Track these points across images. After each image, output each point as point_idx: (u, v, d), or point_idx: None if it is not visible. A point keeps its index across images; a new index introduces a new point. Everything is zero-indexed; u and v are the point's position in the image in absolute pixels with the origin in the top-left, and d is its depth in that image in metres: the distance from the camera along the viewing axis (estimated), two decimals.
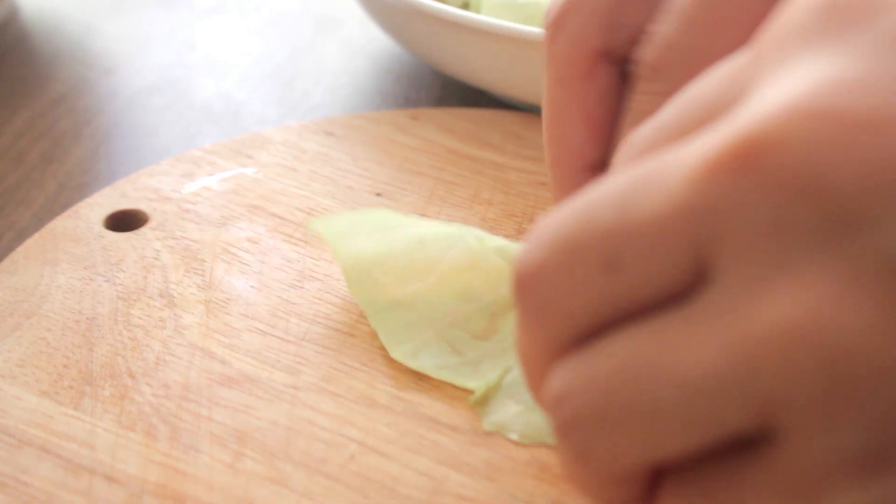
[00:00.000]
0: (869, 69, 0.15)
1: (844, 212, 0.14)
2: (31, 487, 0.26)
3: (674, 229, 0.16)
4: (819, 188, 0.14)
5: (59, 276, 0.33)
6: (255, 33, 0.54)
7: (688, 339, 0.16)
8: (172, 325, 0.31)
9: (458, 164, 0.39)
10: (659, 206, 0.16)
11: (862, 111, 0.15)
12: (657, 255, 0.16)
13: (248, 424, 0.28)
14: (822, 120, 0.15)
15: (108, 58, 0.51)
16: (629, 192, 0.17)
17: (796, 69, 0.16)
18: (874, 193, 0.14)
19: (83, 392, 0.29)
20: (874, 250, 0.14)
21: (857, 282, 0.14)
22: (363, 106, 0.47)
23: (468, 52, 0.42)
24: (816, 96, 0.15)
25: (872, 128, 0.14)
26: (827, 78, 0.15)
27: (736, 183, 0.15)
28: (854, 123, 0.15)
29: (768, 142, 0.15)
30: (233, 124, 0.45)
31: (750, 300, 0.15)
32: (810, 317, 0.14)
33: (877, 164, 0.14)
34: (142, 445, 0.27)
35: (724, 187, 0.15)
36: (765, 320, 0.15)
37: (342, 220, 0.32)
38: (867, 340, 0.14)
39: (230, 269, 0.34)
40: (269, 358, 0.30)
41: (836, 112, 0.15)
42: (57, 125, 0.45)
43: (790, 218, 0.15)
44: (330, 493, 0.26)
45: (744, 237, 0.15)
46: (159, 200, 0.37)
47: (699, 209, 0.15)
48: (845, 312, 0.14)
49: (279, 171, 0.38)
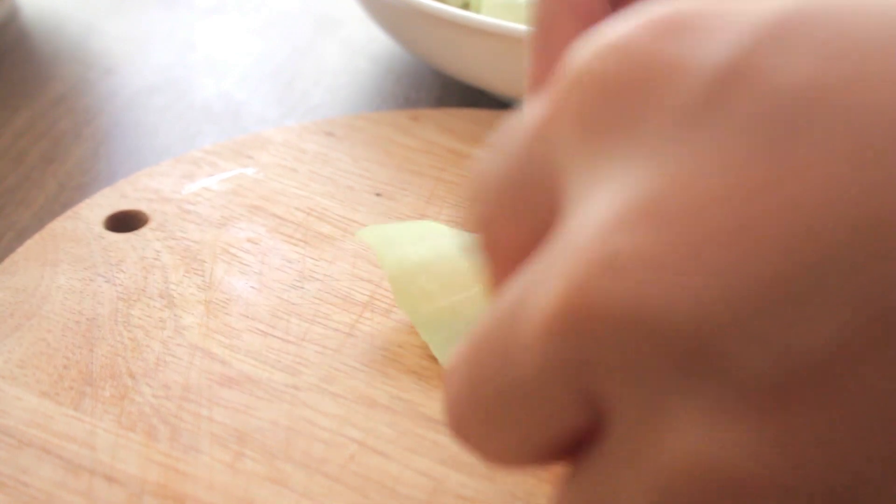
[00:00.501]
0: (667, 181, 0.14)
1: (688, 349, 0.14)
2: (32, 488, 0.26)
3: (550, 386, 0.16)
4: (654, 332, 0.14)
5: (60, 276, 0.33)
6: (255, 33, 0.54)
7: (615, 482, 0.16)
8: (172, 326, 0.31)
9: (458, 165, 0.39)
10: (527, 367, 0.16)
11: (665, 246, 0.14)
12: (550, 407, 0.16)
13: (248, 425, 0.28)
14: (635, 263, 0.14)
15: (108, 58, 0.51)
16: (502, 348, 0.16)
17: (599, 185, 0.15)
18: (710, 326, 0.14)
19: (83, 392, 0.29)
20: (733, 378, 0.14)
21: (729, 412, 0.14)
22: (363, 106, 0.47)
23: (468, 52, 0.42)
24: (622, 236, 0.14)
25: (685, 261, 0.14)
26: (630, 206, 0.14)
27: (581, 338, 0.15)
28: (666, 260, 0.14)
29: (591, 296, 0.14)
30: (233, 124, 0.45)
31: (646, 444, 0.15)
32: (698, 456, 0.14)
33: (702, 298, 0.14)
34: (142, 446, 0.27)
35: (571, 343, 0.15)
36: (661, 466, 0.15)
37: (388, 228, 0.33)
38: (757, 466, 0.14)
39: (230, 269, 0.34)
40: (270, 358, 0.30)
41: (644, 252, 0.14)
42: (57, 125, 0.45)
43: (642, 363, 0.14)
44: (330, 493, 0.26)
45: (615, 384, 0.15)
46: (159, 201, 0.37)
47: (561, 364, 0.15)
48: (728, 445, 0.14)
49: (279, 172, 0.38)
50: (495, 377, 0.17)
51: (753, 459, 0.14)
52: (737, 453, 0.14)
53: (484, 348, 0.17)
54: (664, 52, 0.15)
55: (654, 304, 0.14)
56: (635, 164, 0.15)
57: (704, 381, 0.14)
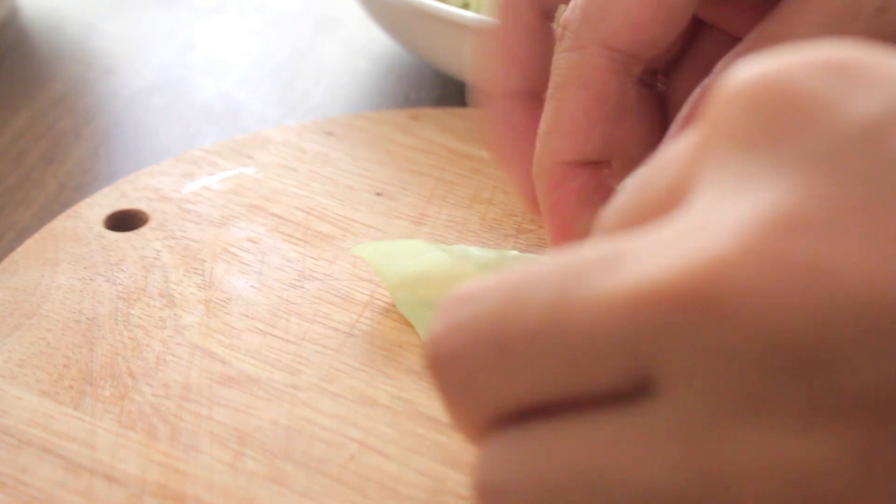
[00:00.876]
0: (813, 197, 0.15)
1: (800, 358, 0.15)
2: (32, 487, 0.26)
3: (608, 345, 0.16)
4: (774, 334, 0.15)
5: (60, 276, 0.33)
6: (255, 33, 0.54)
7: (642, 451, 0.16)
8: (172, 325, 0.31)
9: (458, 164, 0.39)
10: (596, 320, 0.16)
11: (810, 254, 0.15)
12: (591, 363, 0.16)
13: (248, 424, 0.28)
14: (773, 264, 0.15)
15: (108, 58, 0.51)
16: (568, 292, 0.16)
17: (740, 190, 0.16)
18: (827, 339, 0.14)
19: (83, 392, 0.29)
20: (833, 392, 0.15)
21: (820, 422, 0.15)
22: (363, 106, 0.47)
23: (468, 52, 0.42)
24: (766, 236, 0.15)
25: (821, 273, 0.15)
26: (773, 212, 0.15)
27: (684, 318, 0.15)
28: (805, 268, 0.15)
29: (718, 284, 0.15)
30: (233, 124, 0.45)
31: (711, 429, 0.15)
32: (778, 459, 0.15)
33: (829, 310, 0.14)
34: (142, 445, 0.27)
35: (670, 319, 0.15)
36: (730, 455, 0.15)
37: (383, 245, 0.33)
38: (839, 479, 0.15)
39: (230, 268, 0.34)
40: (270, 358, 0.30)
41: (787, 256, 0.15)
42: (57, 125, 0.45)
43: (743, 360, 0.15)
44: (330, 493, 0.26)
45: (693, 369, 0.15)
46: (159, 200, 0.37)
47: (640, 332, 0.15)
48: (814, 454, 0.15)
49: (279, 171, 0.38)
50: (534, 316, 0.16)
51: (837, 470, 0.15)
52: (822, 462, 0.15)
53: (540, 284, 0.17)
54: (827, 90, 0.16)
55: (782, 308, 0.15)
56: (778, 177, 0.16)
57: (804, 390, 0.15)
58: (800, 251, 0.15)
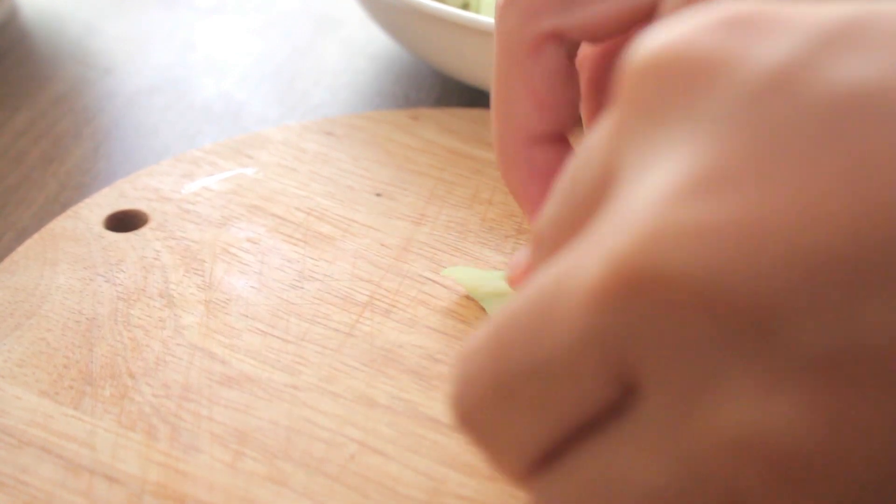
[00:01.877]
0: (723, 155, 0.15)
1: (746, 321, 0.14)
2: (32, 487, 0.26)
3: (585, 360, 0.16)
4: (713, 303, 0.14)
5: (59, 276, 0.33)
6: (255, 33, 0.54)
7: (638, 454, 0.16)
8: (172, 326, 0.31)
9: (458, 164, 0.39)
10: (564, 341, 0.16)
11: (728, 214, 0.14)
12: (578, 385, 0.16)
13: (248, 424, 0.28)
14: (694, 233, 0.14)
15: (108, 58, 0.51)
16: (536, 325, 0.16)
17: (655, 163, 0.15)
18: (766, 298, 0.14)
19: (83, 392, 0.29)
20: (788, 352, 0.14)
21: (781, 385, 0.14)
22: (363, 106, 0.47)
23: (468, 52, 0.42)
24: (681, 204, 0.14)
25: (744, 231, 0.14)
26: (685, 177, 0.15)
27: (629, 309, 0.15)
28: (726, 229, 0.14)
29: (647, 266, 0.14)
30: (233, 124, 0.45)
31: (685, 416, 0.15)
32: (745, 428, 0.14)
33: (760, 268, 0.14)
34: (142, 445, 0.27)
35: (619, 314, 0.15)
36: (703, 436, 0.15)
37: (472, 271, 0.34)
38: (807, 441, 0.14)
39: (230, 269, 0.34)
40: (269, 358, 0.30)
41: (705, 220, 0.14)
42: (57, 125, 0.45)
43: (694, 335, 0.14)
44: (330, 493, 0.26)
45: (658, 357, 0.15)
46: (159, 201, 0.37)
47: (602, 338, 0.15)
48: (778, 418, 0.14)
49: (279, 172, 0.38)
50: (524, 355, 0.16)
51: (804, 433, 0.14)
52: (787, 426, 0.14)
53: (515, 327, 0.17)
54: (725, 46, 0.16)
55: (713, 276, 0.14)
56: (689, 143, 0.15)
57: (760, 354, 0.14)
58: (717, 212, 0.14)
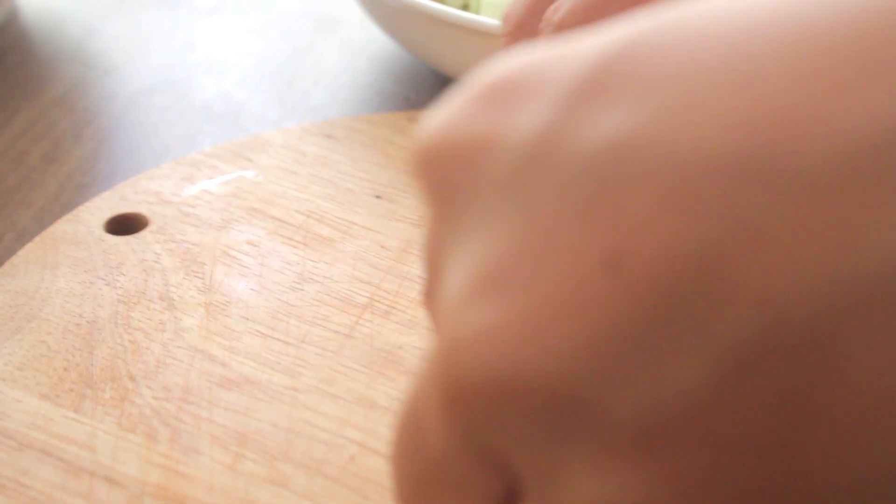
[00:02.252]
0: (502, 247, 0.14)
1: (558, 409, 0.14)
2: (32, 490, 0.26)
3: (466, 461, 0.16)
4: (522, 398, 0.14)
5: (60, 279, 0.33)
6: (255, 33, 0.54)
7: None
8: (173, 328, 0.31)
9: None
10: (442, 449, 0.16)
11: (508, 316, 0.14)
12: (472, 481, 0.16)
13: (248, 426, 0.28)
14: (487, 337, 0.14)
15: (108, 58, 0.51)
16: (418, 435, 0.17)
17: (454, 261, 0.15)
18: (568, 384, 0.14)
19: (84, 395, 0.29)
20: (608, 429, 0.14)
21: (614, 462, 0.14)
22: (363, 106, 0.47)
23: (468, 53, 0.42)
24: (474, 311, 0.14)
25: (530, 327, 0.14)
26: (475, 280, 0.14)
27: (468, 416, 0.15)
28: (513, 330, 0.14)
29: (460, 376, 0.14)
30: (233, 124, 0.46)
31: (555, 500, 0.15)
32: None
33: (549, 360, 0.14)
34: (142, 448, 0.28)
35: (466, 423, 0.15)
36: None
37: None
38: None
39: (230, 271, 0.34)
40: (269, 360, 0.30)
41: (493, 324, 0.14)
42: (57, 126, 0.45)
43: (528, 429, 0.14)
44: (330, 495, 0.26)
45: (515, 451, 0.15)
46: (159, 204, 0.37)
47: (466, 441, 0.15)
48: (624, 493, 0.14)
49: (279, 174, 0.38)
50: (415, 459, 0.17)
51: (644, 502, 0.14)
52: (627, 498, 0.14)
53: (403, 432, 0.17)
54: (484, 124, 0.15)
55: (515, 370, 0.14)
56: (471, 238, 0.15)
57: (579, 434, 0.14)
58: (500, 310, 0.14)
